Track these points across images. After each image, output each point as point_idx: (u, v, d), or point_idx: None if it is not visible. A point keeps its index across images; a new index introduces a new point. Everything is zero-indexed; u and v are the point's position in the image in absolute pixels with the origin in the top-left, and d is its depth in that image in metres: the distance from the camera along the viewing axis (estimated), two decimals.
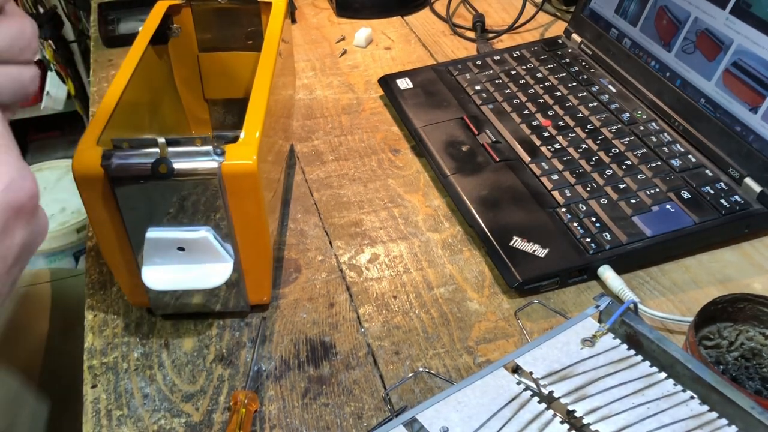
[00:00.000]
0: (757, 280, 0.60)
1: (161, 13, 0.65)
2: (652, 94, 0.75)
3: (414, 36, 0.99)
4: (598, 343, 0.44)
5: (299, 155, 0.76)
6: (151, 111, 0.63)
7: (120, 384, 0.52)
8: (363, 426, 0.49)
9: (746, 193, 0.63)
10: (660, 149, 0.69)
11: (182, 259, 0.51)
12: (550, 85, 0.80)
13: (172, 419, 0.50)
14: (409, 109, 0.78)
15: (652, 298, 0.58)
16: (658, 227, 0.60)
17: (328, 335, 0.56)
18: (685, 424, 0.38)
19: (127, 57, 0.58)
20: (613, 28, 0.82)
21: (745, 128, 0.65)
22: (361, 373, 0.53)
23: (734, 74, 0.66)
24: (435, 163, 0.70)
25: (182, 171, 0.47)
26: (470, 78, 0.83)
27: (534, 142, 0.72)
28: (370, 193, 0.70)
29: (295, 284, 0.60)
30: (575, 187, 0.65)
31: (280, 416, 0.50)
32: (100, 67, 0.92)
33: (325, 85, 0.88)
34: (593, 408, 0.40)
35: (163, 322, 0.57)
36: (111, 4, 1.00)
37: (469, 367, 0.53)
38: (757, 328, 0.49)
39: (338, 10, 1.04)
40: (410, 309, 0.58)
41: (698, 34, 0.70)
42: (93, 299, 0.59)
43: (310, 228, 0.66)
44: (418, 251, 0.63)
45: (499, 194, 0.65)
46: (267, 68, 0.57)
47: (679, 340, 0.54)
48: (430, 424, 0.40)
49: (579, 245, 0.60)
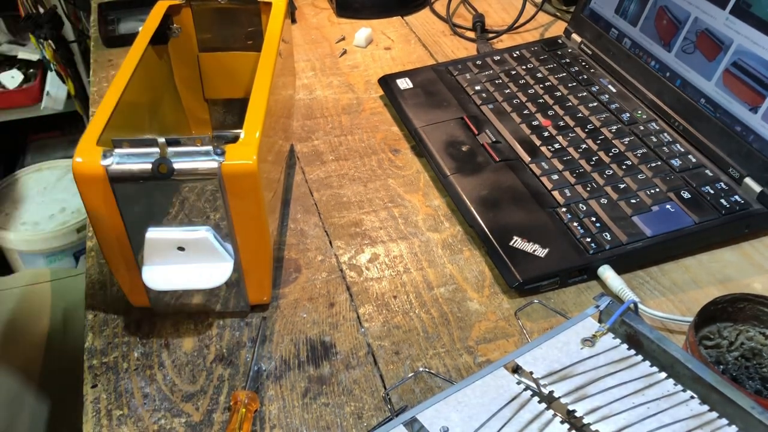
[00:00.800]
0: (757, 280, 0.60)
1: (161, 13, 0.65)
2: (652, 94, 0.75)
3: (414, 36, 0.99)
4: (598, 343, 0.44)
5: (299, 155, 0.76)
6: (151, 111, 0.63)
7: (120, 384, 0.52)
8: (363, 426, 0.49)
9: (746, 193, 0.63)
10: (660, 149, 0.69)
11: (182, 259, 0.51)
12: (550, 85, 0.80)
13: (172, 419, 0.50)
14: (409, 109, 0.78)
15: (652, 298, 0.58)
16: (658, 227, 0.60)
17: (328, 335, 0.56)
18: (685, 424, 0.38)
19: (127, 57, 0.58)
20: (613, 28, 0.82)
21: (745, 128, 0.65)
22: (361, 373, 0.53)
23: (734, 74, 0.66)
24: (435, 163, 0.70)
25: (182, 171, 0.47)
26: (470, 78, 0.83)
27: (534, 142, 0.72)
28: (370, 193, 0.70)
29: (295, 284, 0.60)
30: (575, 187, 0.66)
31: (280, 416, 0.50)
32: (100, 67, 0.92)
33: (325, 85, 0.88)
34: (593, 408, 0.40)
35: (163, 322, 0.57)
36: (111, 4, 1.01)
37: (469, 367, 0.53)
38: (757, 328, 0.49)
39: (338, 10, 1.04)
40: (410, 309, 0.58)
41: (698, 34, 0.70)
42: (93, 299, 0.59)
43: (310, 228, 0.66)
44: (418, 251, 0.63)
45: (499, 194, 0.65)
46: (267, 68, 0.57)
47: (679, 340, 0.54)
48: (430, 424, 0.40)
49: (579, 245, 0.60)
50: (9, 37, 2.02)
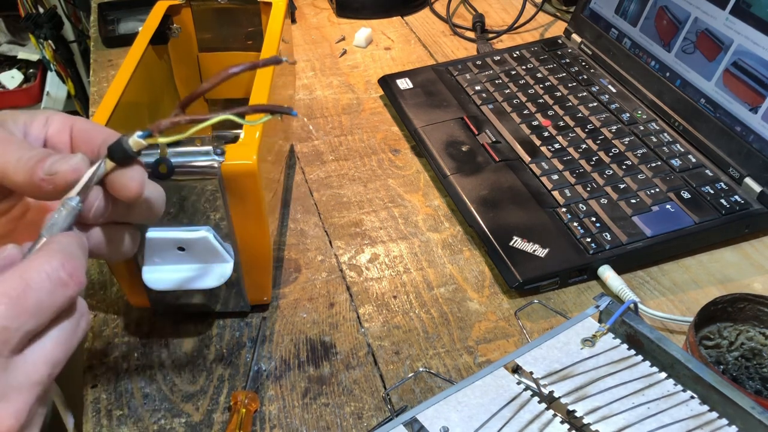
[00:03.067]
0: (757, 280, 0.60)
1: (161, 13, 0.65)
2: (652, 94, 0.75)
3: (414, 36, 0.99)
4: (598, 343, 0.44)
5: (299, 155, 0.76)
6: (151, 111, 0.63)
7: (120, 384, 0.52)
8: (363, 426, 0.49)
9: (746, 193, 0.63)
10: (660, 149, 0.69)
11: (182, 259, 0.51)
12: (550, 85, 0.80)
13: (172, 419, 0.50)
14: (409, 109, 0.78)
15: (652, 298, 0.58)
16: (658, 227, 0.60)
17: (328, 335, 0.56)
18: (685, 424, 0.38)
19: (127, 57, 0.58)
20: (613, 28, 0.82)
21: (745, 128, 0.65)
22: (361, 373, 0.53)
23: (734, 74, 0.66)
24: (435, 163, 0.70)
25: (182, 171, 0.47)
26: (470, 78, 0.83)
27: (534, 142, 0.72)
28: (370, 193, 0.70)
29: (295, 284, 0.60)
30: (575, 187, 0.65)
31: (280, 416, 0.50)
32: (100, 67, 0.92)
33: (325, 85, 0.88)
34: (593, 408, 0.40)
35: (163, 322, 0.57)
36: (111, 4, 1.01)
37: (469, 367, 0.53)
38: (757, 328, 0.49)
39: (338, 10, 1.04)
40: (410, 309, 0.58)
41: (698, 34, 0.70)
42: (93, 299, 0.59)
43: (310, 228, 0.66)
44: (418, 251, 0.63)
45: (499, 194, 0.65)
46: (267, 68, 0.57)
47: (679, 340, 0.54)
48: (430, 424, 0.40)
49: (579, 245, 0.60)
50: (9, 37, 2.02)
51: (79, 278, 0.33)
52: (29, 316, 0.31)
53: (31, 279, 0.31)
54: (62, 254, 0.33)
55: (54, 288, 0.32)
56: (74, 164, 0.36)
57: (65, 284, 0.32)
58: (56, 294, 0.32)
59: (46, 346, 0.32)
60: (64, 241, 0.34)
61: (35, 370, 0.32)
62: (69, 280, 0.33)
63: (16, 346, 0.31)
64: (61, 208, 0.35)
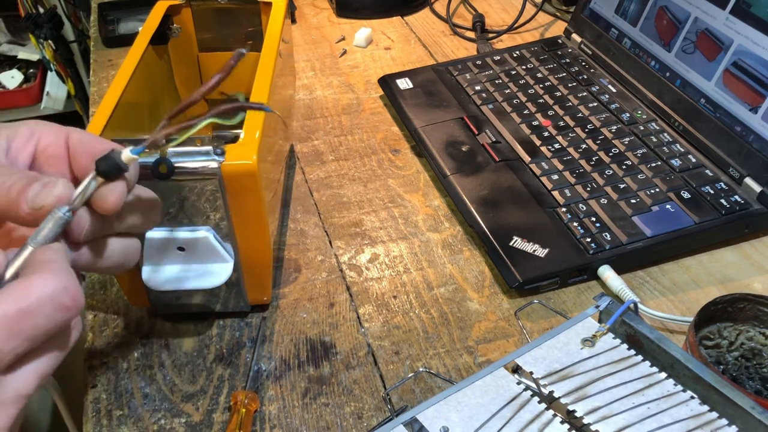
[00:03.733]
0: (757, 280, 0.60)
1: (161, 13, 0.65)
2: (652, 94, 0.75)
3: (414, 36, 0.99)
4: (598, 343, 0.44)
5: (299, 155, 0.76)
6: (151, 111, 0.63)
7: (120, 384, 0.52)
8: (363, 426, 0.49)
9: (746, 193, 0.63)
10: (660, 149, 0.69)
11: (182, 259, 0.51)
12: (550, 85, 0.80)
13: (172, 419, 0.50)
14: (409, 109, 0.78)
15: (652, 298, 0.58)
16: (658, 227, 0.60)
17: (328, 335, 0.56)
18: (685, 424, 0.38)
19: (127, 57, 0.58)
20: (613, 28, 0.82)
21: (745, 128, 0.65)
22: (361, 373, 0.53)
23: (734, 74, 0.66)
24: (435, 163, 0.70)
25: (182, 171, 0.47)
26: (470, 78, 0.83)
27: (534, 142, 0.72)
28: (370, 193, 0.70)
29: (295, 284, 0.60)
30: (575, 187, 0.65)
31: (280, 416, 0.50)
32: (100, 67, 0.92)
33: (325, 85, 0.88)
34: (593, 408, 0.40)
35: (163, 322, 0.57)
36: (111, 4, 1.01)
37: (469, 367, 0.53)
38: (757, 328, 0.49)
39: (338, 10, 1.04)
40: (410, 309, 0.58)
41: (698, 34, 0.70)
42: (93, 299, 0.59)
43: (310, 228, 0.66)
44: (418, 251, 0.63)
45: (499, 194, 0.65)
46: (267, 68, 0.57)
47: (679, 340, 0.54)
48: (430, 424, 0.40)
49: (579, 245, 0.60)
50: (9, 37, 2.02)
51: (81, 301, 0.32)
52: (23, 340, 0.30)
53: (30, 303, 0.30)
54: (64, 276, 0.32)
55: (54, 313, 0.31)
56: (58, 193, 0.35)
57: (67, 309, 0.32)
58: (55, 318, 0.31)
59: (37, 361, 0.32)
60: (59, 257, 0.33)
61: (24, 385, 0.31)
62: (71, 304, 0.32)
63: (6, 366, 0.30)
64: (49, 216, 0.34)
